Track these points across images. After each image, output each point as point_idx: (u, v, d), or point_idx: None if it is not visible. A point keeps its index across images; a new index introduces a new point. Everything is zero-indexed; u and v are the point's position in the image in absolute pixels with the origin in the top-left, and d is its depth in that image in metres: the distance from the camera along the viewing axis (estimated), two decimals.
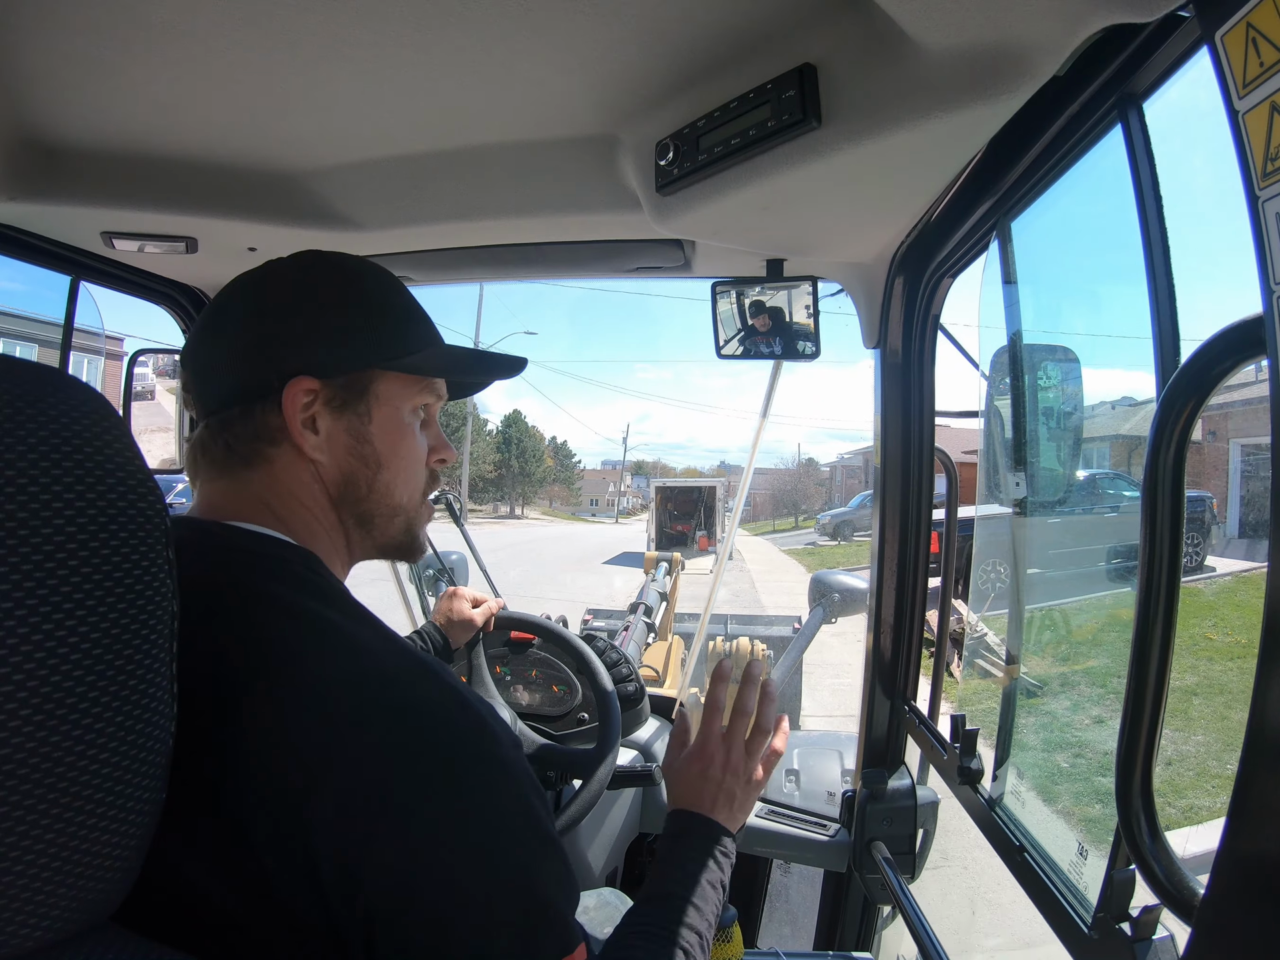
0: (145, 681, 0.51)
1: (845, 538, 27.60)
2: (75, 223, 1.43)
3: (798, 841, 1.97)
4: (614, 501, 62.80)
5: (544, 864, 0.66)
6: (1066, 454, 1.35)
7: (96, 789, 0.49)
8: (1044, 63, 0.80)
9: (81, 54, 1.00)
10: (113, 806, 0.50)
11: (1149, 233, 0.84)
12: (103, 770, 0.49)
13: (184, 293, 1.86)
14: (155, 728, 0.53)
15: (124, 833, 0.51)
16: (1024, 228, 1.16)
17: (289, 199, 1.40)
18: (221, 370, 0.79)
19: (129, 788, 0.51)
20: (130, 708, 0.50)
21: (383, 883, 0.59)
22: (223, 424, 0.79)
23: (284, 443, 0.78)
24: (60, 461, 0.48)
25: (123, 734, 0.50)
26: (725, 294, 1.64)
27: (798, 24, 0.94)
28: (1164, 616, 0.74)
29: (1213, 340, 0.67)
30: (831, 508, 32.21)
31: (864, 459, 48.92)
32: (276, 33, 0.95)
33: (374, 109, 1.16)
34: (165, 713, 0.54)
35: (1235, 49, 0.53)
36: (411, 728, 0.63)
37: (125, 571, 0.50)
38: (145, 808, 0.53)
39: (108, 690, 0.49)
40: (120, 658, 0.50)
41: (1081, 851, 1.04)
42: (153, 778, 0.53)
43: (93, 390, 0.53)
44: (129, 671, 0.50)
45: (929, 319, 1.58)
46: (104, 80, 1.07)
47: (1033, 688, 1.65)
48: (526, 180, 1.34)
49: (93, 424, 0.51)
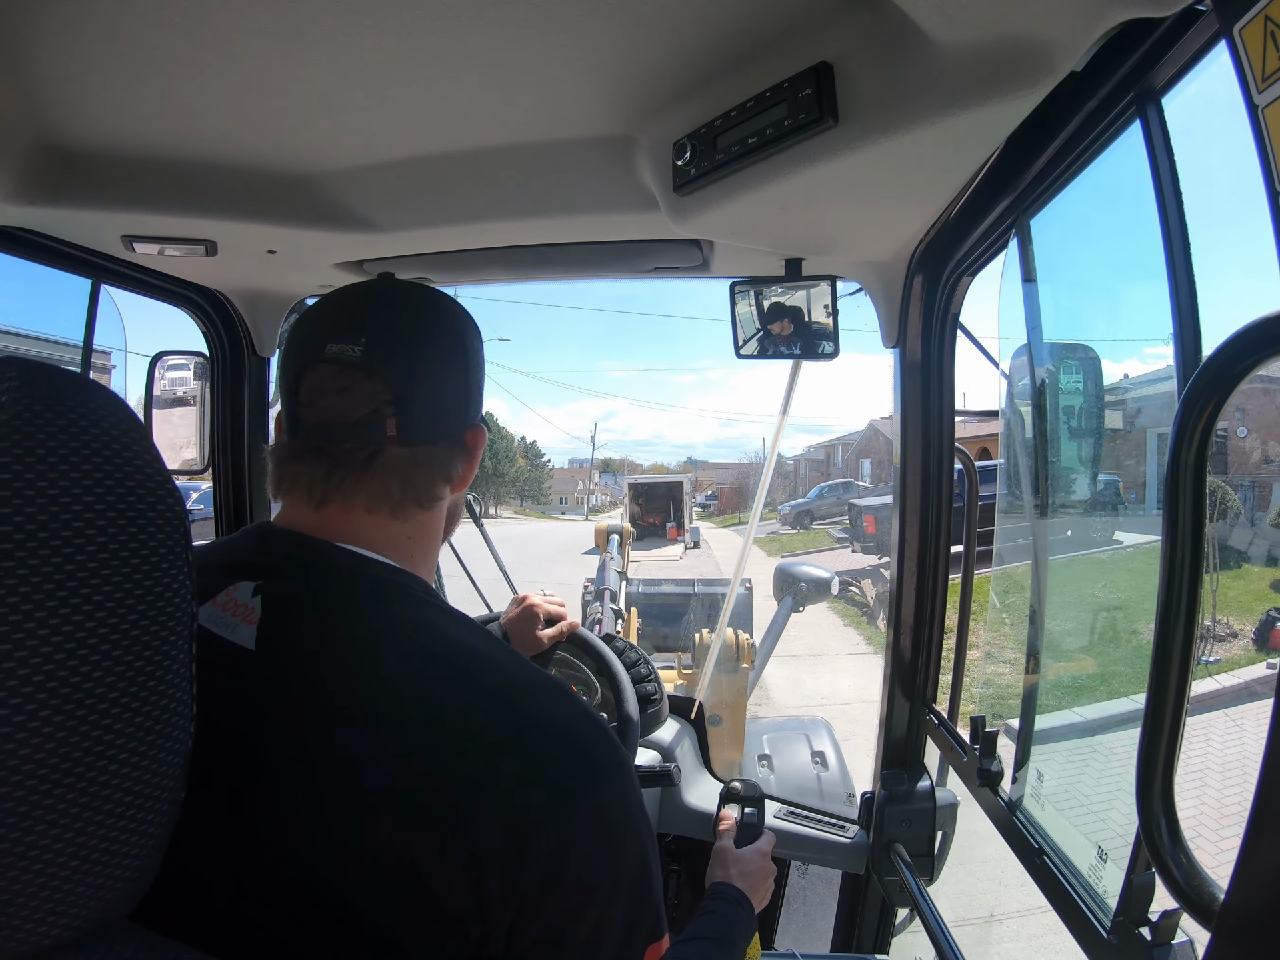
0: (164, 683, 0.52)
1: (805, 526, 29.58)
2: (96, 226, 1.45)
3: (816, 843, 1.96)
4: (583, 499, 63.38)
5: (652, 856, 0.73)
6: (1087, 453, 1.33)
7: (115, 789, 0.49)
8: (1061, 58, 0.79)
9: (100, 59, 1.01)
10: (131, 806, 0.51)
11: (1169, 229, 0.83)
12: (121, 770, 0.50)
13: (204, 295, 1.88)
14: (174, 728, 0.53)
15: (143, 832, 0.52)
16: (1043, 225, 1.15)
17: (307, 201, 1.41)
18: (445, 405, 0.82)
19: (148, 788, 0.52)
20: (149, 709, 0.51)
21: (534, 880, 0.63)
22: (429, 456, 0.81)
23: (454, 481, 0.84)
24: (80, 465, 0.49)
25: (141, 734, 0.51)
26: (744, 294, 1.64)
27: (813, 22, 0.94)
28: (1185, 619, 0.73)
29: (1234, 338, 0.66)
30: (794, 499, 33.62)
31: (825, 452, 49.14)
32: (293, 36, 0.96)
33: (390, 111, 1.16)
34: (184, 713, 0.54)
35: (1254, 43, 0.53)
36: (550, 742, 0.68)
37: (145, 574, 0.51)
38: (164, 807, 0.54)
39: (127, 691, 0.50)
40: (140, 659, 0.50)
41: (1101, 855, 1.03)
42: (172, 778, 0.54)
43: (114, 395, 0.54)
44: (148, 673, 0.51)
45: (948, 318, 1.57)
46: (123, 85, 1.08)
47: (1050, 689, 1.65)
48: (543, 181, 1.34)
49: (112, 427, 0.52)
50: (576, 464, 72.25)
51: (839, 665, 9.67)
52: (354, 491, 0.77)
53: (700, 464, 72.29)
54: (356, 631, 0.71)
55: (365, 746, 0.64)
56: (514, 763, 0.65)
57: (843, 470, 43.95)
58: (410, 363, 0.78)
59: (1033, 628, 1.41)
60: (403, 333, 0.79)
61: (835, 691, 8.50)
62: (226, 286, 1.88)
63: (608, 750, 0.71)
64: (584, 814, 0.67)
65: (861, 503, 19.66)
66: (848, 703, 7.97)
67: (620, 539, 3.90)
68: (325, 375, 0.77)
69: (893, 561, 1.80)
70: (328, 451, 0.77)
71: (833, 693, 8.45)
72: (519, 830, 0.63)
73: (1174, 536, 0.72)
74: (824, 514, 29.64)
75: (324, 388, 0.77)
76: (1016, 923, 3.51)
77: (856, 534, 18.55)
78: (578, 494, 64.78)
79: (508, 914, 0.63)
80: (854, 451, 44.12)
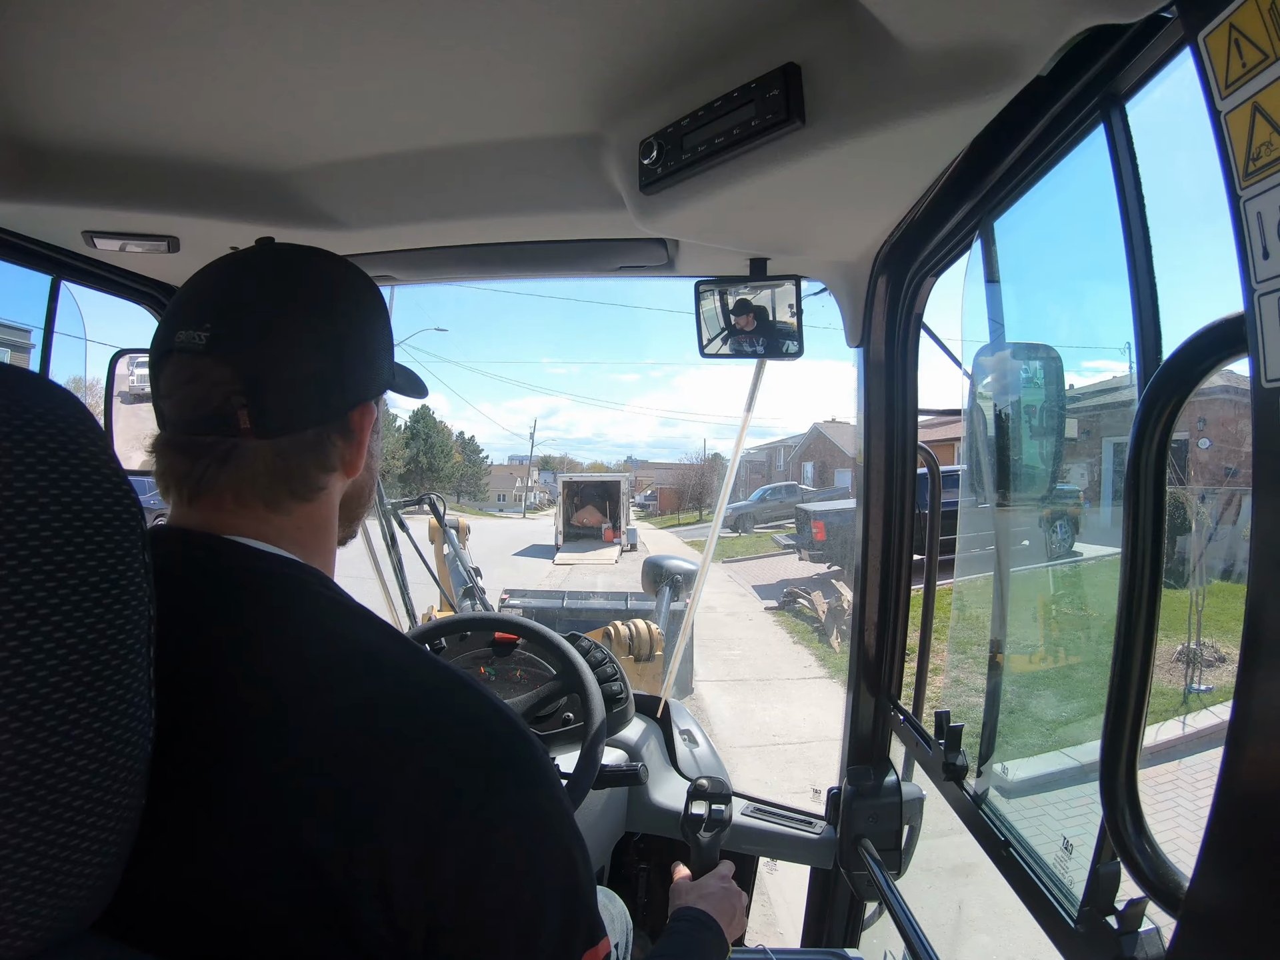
0: (123, 687, 0.51)
1: (745, 530, 29.30)
2: (57, 222, 1.42)
3: (784, 839, 1.97)
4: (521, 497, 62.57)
5: (580, 858, 0.70)
6: (1049, 450, 1.36)
7: (76, 795, 0.48)
8: (1028, 63, 0.80)
9: (65, 53, 0.99)
10: (92, 814, 0.49)
11: (1131, 231, 0.85)
12: (81, 778, 0.48)
13: (166, 292, 1.84)
14: (134, 734, 0.52)
15: (104, 840, 0.51)
16: (1007, 227, 1.17)
17: (271, 198, 1.39)
18: (302, 389, 0.73)
19: (109, 795, 0.50)
20: (109, 714, 0.50)
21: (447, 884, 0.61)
22: (295, 448, 0.74)
23: (338, 469, 0.78)
24: (35, 465, 0.47)
25: (101, 740, 0.49)
26: (709, 293, 1.64)
27: (782, 23, 0.94)
28: (1146, 612, 0.74)
29: (1194, 338, 0.67)
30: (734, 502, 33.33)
31: (767, 454, 49.31)
32: (260, 31, 0.95)
33: (357, 108, 1.15)
34: (144, 719, 0.53)
35: (1218, 50, 0.54)
36: (458, 740, 0.66)
37: (101, 576, 0.50)
38: (126, 814, 0.52)
39: (85, 696, 0.48)
40: (98, 663, 0.49)
41: (1066, 846, 1.05)
42: (132, 784, 0.52)
43: (70, 394, 0.52)
44: (106, 677, 0.50)
45: (912, 318, 1.59)
46: (87, 80, 1.06)
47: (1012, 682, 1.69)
48: (510, 179, 1.34)
49: (69, 427, 0.50)
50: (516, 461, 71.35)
51: (791, 692, 8.71)
52: (218, 486, 0.72)
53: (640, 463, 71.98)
54: (248, 633, 0.67)
55: (263, 756, 0.62)
56: (417, 763, 0.63)
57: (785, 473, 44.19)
58: (263, 346, 0.72)
59: (996, 622, 1.43)
60: (253, 313, 0.74)
61: (789, 726, 7.48)
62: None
63: (518, 744, 0.69)
64: (495, 812, 0.64)
65: (810, 507, 18.60)
66: (804, 741, 7.04)
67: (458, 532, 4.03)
68: (176, 365, 0.72)
69: (857, 558, 1.81)
70: (188, 446, 0.72)
71: (786, 728, 7.42)
72: (427, 832, 0.61)
73: (1135, 532, 0.73)
74: (765, 518, 29.57)
75: (177, 379, 0.72)
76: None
77: (804, 540, 17.78)
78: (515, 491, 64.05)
79: (421, 922, 0.61)
80: (796, 454, 44.36)
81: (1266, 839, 0.56)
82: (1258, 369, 0.55)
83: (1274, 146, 0.51)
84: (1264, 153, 0.52)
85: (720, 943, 1.18)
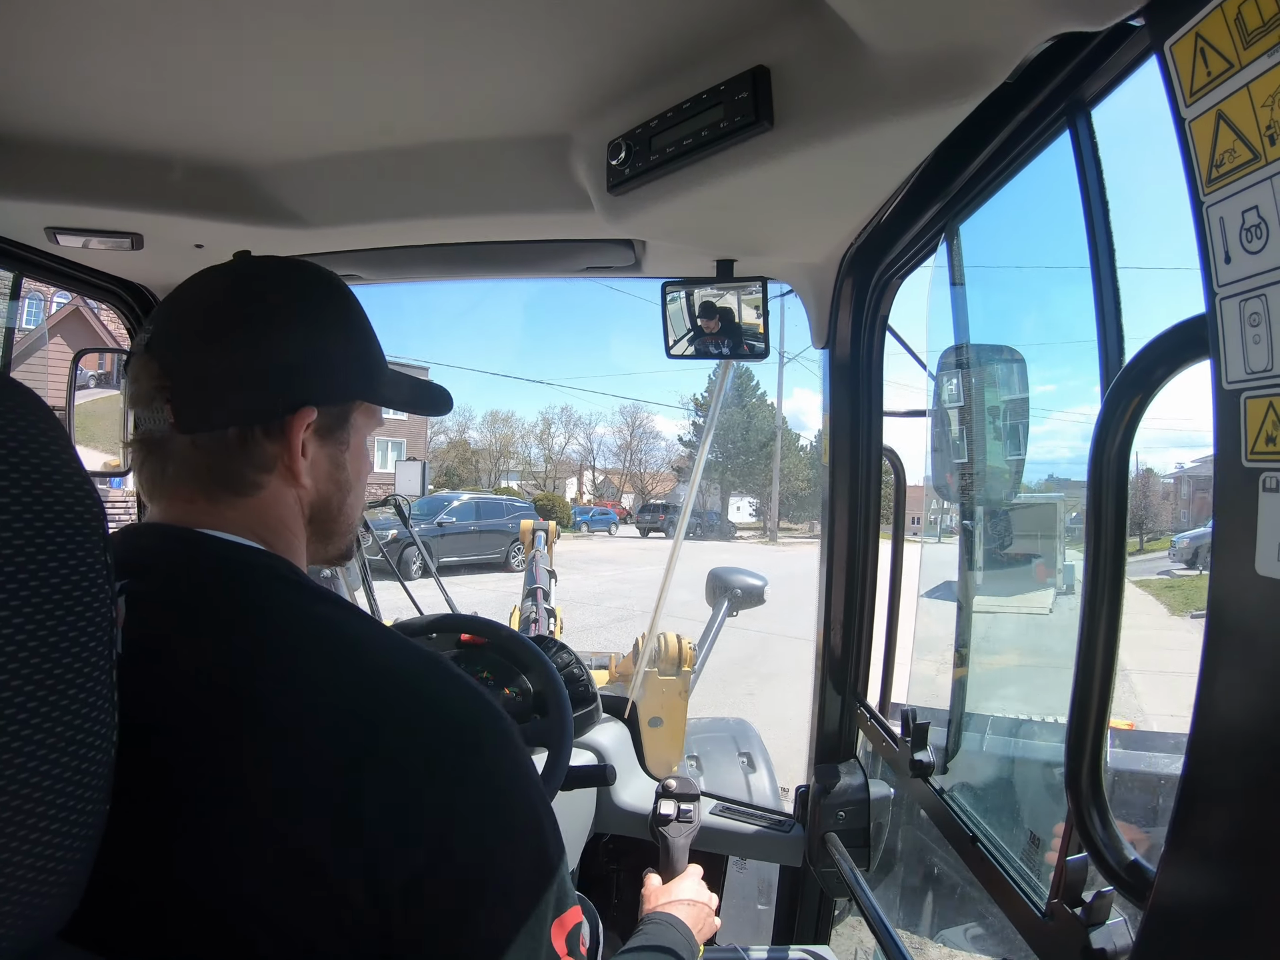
0: (85, 690, 0.50)
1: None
2: (18, 217, 1.39)
3: (753, 838, 1.98)
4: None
5: (550, 829, 0.72)
6: (1012, 452, 1.38)
7: (39, 802, 0.47)
8: (995, 69, 0.81)
9: (26, 45, 0.96)
10: (56, 820, 0.48)
11: (1095, 235, 0.86)
12: (44, 783, 0.47)
13: (130, 290, 1.81)
14: (97, 738, 0.51)
15: (71, 847, 0.49)
16: (972, 230, 1.19)
17: (237, 195, 1.37)
18: (222, 386, 0.75)
19: (74, 800, 0.49)
20: (71, 718, 0.48)
21: (419, 856, 0.62)
22: (217, 445, 0.75)
23: (276, 469, 0.78)
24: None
25: (64, 744, 0.48)
26: (675, 294, 1.64)
27: (752, 27, 0.94)
28: (1109, 607, 0.75)
29: (1156, 340, 0.69)
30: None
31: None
32: (226, 26, 0.93)
33: (323, 105, 1.14)
34: (107, 722, 0.52)
35: (1184, 59, 0.55)
36: (429, 714, 0.67)
37: (63, 578, 0.48)
38: (91, 820, 0.51)
39: (47, 700, 0.47)
40: (59, 666, 0.48)
41: (1034, 840, 1.07)
42: (97, 789, 0.51)
43: (30, 392, 0.51)
44: (68, 680, 0.48)
45: (878, 319, 1.61)
46: (49, 72, 1.03)
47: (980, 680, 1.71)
48: (477, 178, 1.33)
49: (30, 426, 0.49)
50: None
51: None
52: (165, 479, 0.76)
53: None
54: (223, 622, 0.68)
55: (243, 744, 0.62)
56: (390, 736, 0.64)
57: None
58: (192, 343, 0.76)
59: (961, 617, 1.45)
60: (191, 315, 0.78)
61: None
62: (152, 281, 1.81)
63: (487, 718, 0.71)
64: (466, 782, 0.66)
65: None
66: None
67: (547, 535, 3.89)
68: (131, 366, 0.78)
69: (822, 558, 1.83)
70: (141, 440, 0.77)
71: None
72: (401, 803, 0.62)
73: (1097, 529, 0.75)
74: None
75: (129, 379, 0.78)
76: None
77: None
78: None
79: (399, 900, 0.62)
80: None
81: (1229, 831, 0.57)
82: (1219, 371, 0.56)
83: (1237, 154, 0.52)
84: (1227, 159, 0.53)
85: (688, 943, 1.21)
